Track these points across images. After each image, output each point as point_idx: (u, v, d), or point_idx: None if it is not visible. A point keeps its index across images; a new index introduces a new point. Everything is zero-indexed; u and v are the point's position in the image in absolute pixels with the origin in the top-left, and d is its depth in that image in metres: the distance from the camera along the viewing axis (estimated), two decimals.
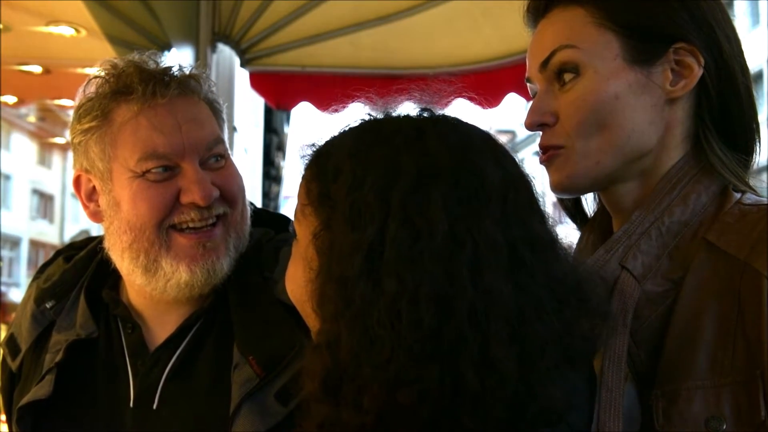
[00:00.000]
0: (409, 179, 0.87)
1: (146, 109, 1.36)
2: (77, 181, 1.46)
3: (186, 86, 1.40)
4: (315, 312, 0.92)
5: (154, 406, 1.39)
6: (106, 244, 1.43)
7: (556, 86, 1.18)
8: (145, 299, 1.46)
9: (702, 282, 1.07)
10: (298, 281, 0.99)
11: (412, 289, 0.84)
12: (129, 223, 1.37)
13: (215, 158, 1.40)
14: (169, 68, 1.42)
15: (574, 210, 1.34)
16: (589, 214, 1.33)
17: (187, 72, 1.44)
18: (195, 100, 1.41)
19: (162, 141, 1.34)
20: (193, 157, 1.36)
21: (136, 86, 1.36)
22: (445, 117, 1.00)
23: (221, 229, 1.39)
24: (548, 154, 1.18)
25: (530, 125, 1.19)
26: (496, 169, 0.93)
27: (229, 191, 1.41)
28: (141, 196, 1.35)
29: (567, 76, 1.16)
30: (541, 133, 1.21)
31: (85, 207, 1.46)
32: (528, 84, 1.26)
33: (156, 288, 1.39)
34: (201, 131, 1.39)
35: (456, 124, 0.98)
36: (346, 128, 1.01)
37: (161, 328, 1.45)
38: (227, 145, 1.46)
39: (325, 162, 0.96)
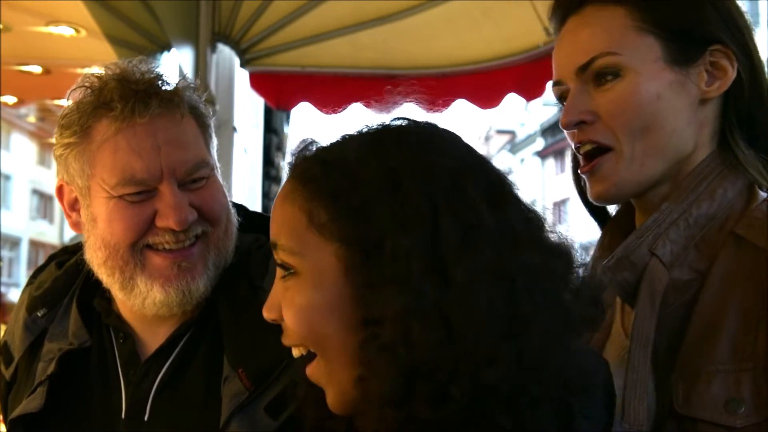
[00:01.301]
0: (445, 177, 0.92)
1: (125, 128, 1.32)
2: (60, 190, 1.44)
3: (169, 103, 1.36)
4: (356, 326, 0.91)
5: (146, 418, 1.38)
6: (86, 256, 1.41)
7: (591, 86, 1.20)
8: (131, 312, 1.44)
9: (728, 272, 1.11)
10: (317, 309, 0.95)
11: (478, 276, 0.88)
12: (104, 241, 1.36)
13: (195, 180, 1.37)
14: (155, 81, 1.37)
15: (597, 208, 1.37)
16: (610, 213, 1.37)
17: (173, 86, 1.40)
18: (177, 118, 1.36)
19: (140, 166, 1.31)
20: (171, 180, 1.33)
21: (115, 103, 1.33)
22: (426, 121, 1.02)
23: (200, 248, 1.37)
24: (594, 162, 1.20)
25: (569, 124, 1.20)
26: (490, 162, 1.01)
27: (209, 211, 1.37)
28: (116, 216, 1.34)
29: (606, 78, 1.18)
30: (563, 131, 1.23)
31: (68, 216, 1.45)
32: (555, 87, 1.27)
33: (135, 304, 1.39)
34: (182, 154, 1.35)
35: (437, 126, 1.02)
36: (329, 146, 1.00)
37: (152, 338, 1.44)
38: (214, 161, 1.43)
39: (330, 177, 0.94)
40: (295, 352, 1.02)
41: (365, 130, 1.00)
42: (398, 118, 1.02)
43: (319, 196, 0.95)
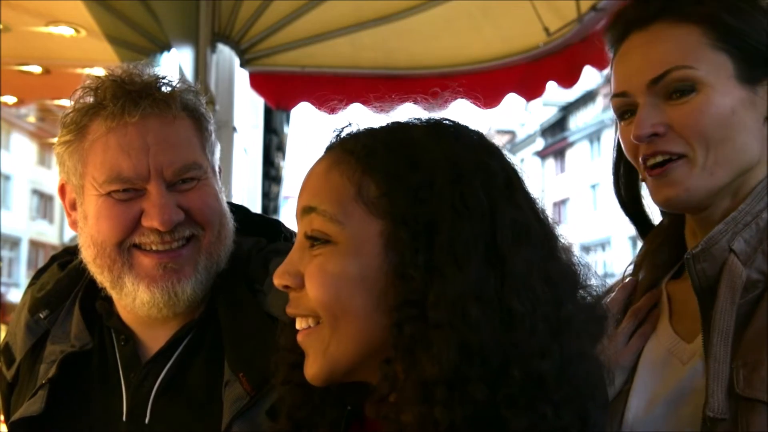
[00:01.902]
0: (501, 177, 0.97)
1: (117, 127, 1.34)
2: (62, 189, 1.46)
3: (162, 104, 1.36)
4: (383, 310, 0.93)
5: (146, 421, 1.38)
6: (81, 254, 1.43)
7: (662, 100, 1.23)
8: (131, 314, 1.44)
9: None
10: (350, 280, 0.95)
11: (532, 269, 0.93)
12: (92, 238, 1.37)
13: (185, 180, 1.36)
14: (152, 83, 1.38)
15: (636, 215, 1.44)
16: (651, 220, 1.44)
17: (172, 88, 1.40)
18: (170, 119, 1.36)
19: (127, 164, 1.32)
20: (159, 180, 1.33)
21: (108, 103, 1.34)
22: (471, 127, 1.06)
23: (190, 250, 1.37)
24: (666, 167, 1.23)
25: (642, 136, 1.23)
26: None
27: (198, 214, 1.37)
28: (104, 214, 1.35)
29: (681, 91, 1.22)
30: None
31: (68, 215, 1.46)
32: (616, 98, 1.29)
33: (127, 304, 1.39)
34: (171, 155, 1.34)
35: (483, 134, 1.06)
36: (386, 125, 1.02)
37: (153, 340, 1.44)
38: (210, 164, 1.42)
39: (393, 153, 0.97)
40: (300, 323, 1.01)
41: (417, 122, 1.02)
42: (445, 119, 1.05)
43: (374, 170, 0.96)
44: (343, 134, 1.03)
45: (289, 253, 1.01)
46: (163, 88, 1.39)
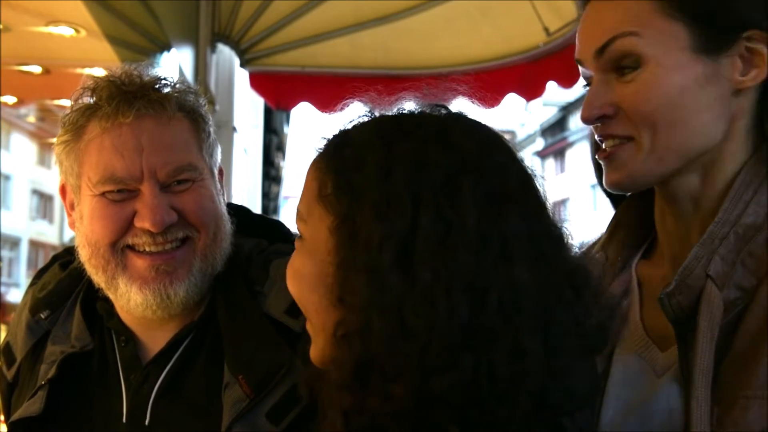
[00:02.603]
0: (439, 173, 0.90)
1: (111, 128, 1.33)
2: (62, 190, 1.46)
3: (157, 105, 1.35)
4: (334, 303, 0.92)
5: (146, 422, 1.38)
6: (78, 254, 1.43)
7: (613, 76, 1.12)
8: (127, 314, 1.44)
9: None
10: (308, 276, 0.98)
11: (446, 279, 0.86)
12: (87, 238, 1.37)
13: (180, 182, 1.36)
14: (149, 84, 1.38)
15: (615, 195, 1.31)
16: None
17: (170, 88, 1.39)
18: (165, 120, 1.36)
19: (121, 165, 1.32)
20: (152, 181, 1.33)
21: (103, 103, 1.34)
22: (462, 114, 1.02)
23: (184, 253, 1.36)
24: (613, 148, 1.13)
25: (589, 118, 1.13)
26: (515, 166, 0.98)
27: (192, 215, 1.36)
28: (97, 214, 1.35)
29: (627, 68, 1.10)
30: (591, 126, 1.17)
31: (68, 215, 1.46)
32: (579, 66, 1.18)
33: (123, 305, 1.39)
34: (164, 156, 1.34)
35: (474, 121, 1.01)
36: (359, 123, 1.02)
37: (153, 342, 1.43)
38: (207, 166, 1.41)
39: (343, 153, 0.97)
40: None
41: (395, 113, 1.01)
42: (438, 106, 1.02)
43: (329, 169, 0.97)
44: (327, 136, 1.04)
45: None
46: (162, 89, 1.38)
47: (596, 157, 1.19)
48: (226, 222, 1.43)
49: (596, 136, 1.16)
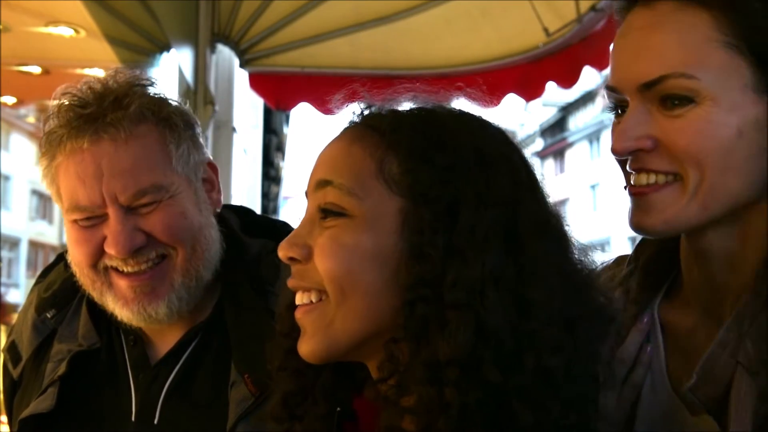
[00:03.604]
0: (522, 168, 0.98)
1: (73, 154, 1.33)
2: None
3: (114, 126, 1.32)
4: (394, 288, 0.92)
5: (155, 422, 1.39)
6: None
7: (655, 106, 0.99)
8: None
9: None
10: (364, 254, 0.93)
11: (550, 262, 0.92)
12: (72, 259, 1.40)
13: (144, 204, 1.34)
14: (106, 102, 1.34)
15: None
16: None
17: (138, 98, 1.36)
18: (122, 141, 1.32)
19: (83, 193, 1.32)
20: (116, 206, 1.32)
21: (63, 130, 1.34)
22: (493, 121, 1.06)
23: (161, 270, 1.36)
24: (651, 188, 1.00)
25: (622, 150, 1.00)
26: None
27: (162, 235, 1.34)
28: (73, 239, 1.37)
29: (677, 100, 0.97)
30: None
31: None
32: (609, 92, 1.05)
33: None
34: (123, 181, 1.31)
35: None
36: (418, 107, 1.02)
37: (161, 342, 1.45)
38: (178, 177, 1.37)
39: (419, 132, 0.96)
40: (300, 298, 0.99)
41: (443, 108, 1.02)
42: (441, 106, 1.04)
43: (398, 147, 0.95)
44: (368, 109, 1.03)
45: (297, 227, 1.00)
46: (124, 102, 1.35)
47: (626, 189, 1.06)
48: (207, 231, 1.40)
49: (629, 168, 1.03)
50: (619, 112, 1.05)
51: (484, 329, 0.87)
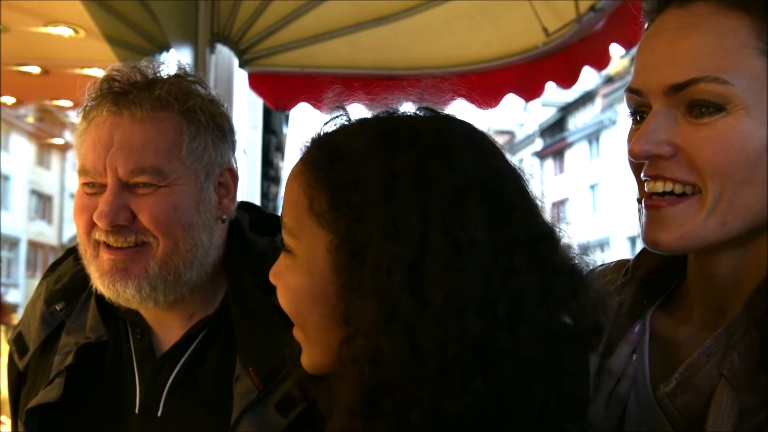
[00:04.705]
0: (444, 189, 0.88)
1: (98, 122, 1.38)
2: None
3: (138, 104, 1.36)
4: (338, 323, 0.91)
5: (159, 414, 1.40)
6: None
7: (680, 112, 0.94)
8: (144, 308, 1.46)
9: None
10: (305, 295, 0.95)
11: (458, 300, 0.84)
12: (75, 227, 1.43)
13: (145, 185, 1.35)
14: (139, 82, 1.39)
15: None
16: None
17: (168, 86, 1.39)
18: (140, 119, 1.35)
19: (90, 158, 1.36)
20: (114, 179, 1.34)
21: (95, 99, 1.40)
22: (452, 117, 0.99)
23: (138, 254, 1.37)
24: (667, 200, 0.95)
25: (640, 154, 0.95)
26: (508, 168, 0.95)
27: (146, 220, 1.35)
28: (77, 203, 1.40)
29: (705, 107, 0.92)
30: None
31: None
32: (630, 94, 1.00)
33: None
34: (126, 155, 1.34)
35: (465, 124, 0.99)
36: (346, 128, 0.99)
37: (167, 334, 1.46)
38: (187, 168, 1.38)
39: (336, 168, 0.93)
40: None
41: (383, 116, 0.98)
42: (423, 108, 0.99)
43: (322, 185, 0.94)
44: (310, 141, 1.01)
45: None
46: (154, 88, 1.38)
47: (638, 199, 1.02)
48: (197, 232, 1.40)
49: (642, 173, 0.98)
50: (638, 118, 1.01)
51: (378, 382, 0.86)
